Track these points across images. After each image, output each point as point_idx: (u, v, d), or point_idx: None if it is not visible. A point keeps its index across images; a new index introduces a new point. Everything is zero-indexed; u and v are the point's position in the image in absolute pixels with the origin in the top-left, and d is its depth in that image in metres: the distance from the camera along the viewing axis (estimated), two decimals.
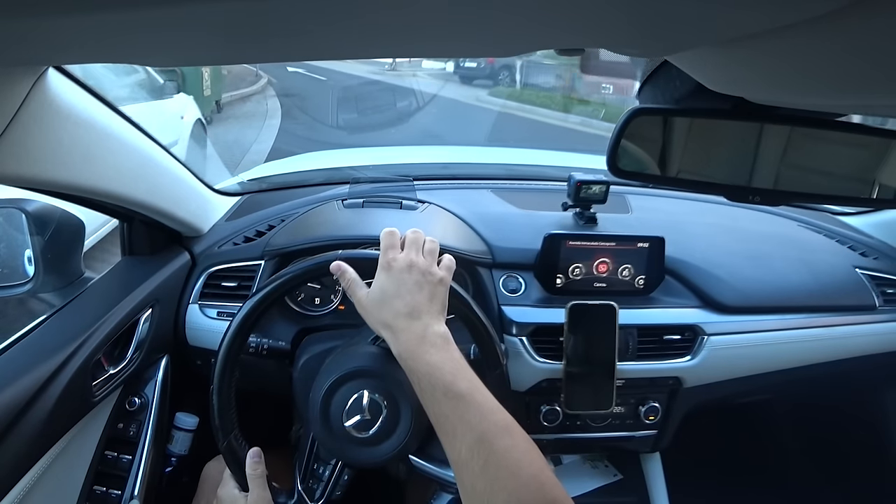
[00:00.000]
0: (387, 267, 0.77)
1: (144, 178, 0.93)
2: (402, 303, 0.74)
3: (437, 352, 0.70)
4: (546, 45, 0.51)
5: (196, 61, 0.94)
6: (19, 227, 0.90)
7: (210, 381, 0.82)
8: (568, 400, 1.09)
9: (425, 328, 0.72)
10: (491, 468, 0.59)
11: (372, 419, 0.80)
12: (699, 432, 1.34)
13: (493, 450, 0.60)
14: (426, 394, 0.68)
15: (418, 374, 0.69)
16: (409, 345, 0.71)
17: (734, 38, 0.39)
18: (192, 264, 1.12)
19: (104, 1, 0.31)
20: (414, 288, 0.75)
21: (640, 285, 1.17)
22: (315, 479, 0.86)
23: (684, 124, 0.70)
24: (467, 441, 0.62)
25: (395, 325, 0.73)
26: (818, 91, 0.45)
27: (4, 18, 0.33)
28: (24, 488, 0.78)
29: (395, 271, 0.76)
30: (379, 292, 0.76)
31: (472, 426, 0.63)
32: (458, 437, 0.63)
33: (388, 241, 0.79)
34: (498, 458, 0.60)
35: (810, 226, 1.41)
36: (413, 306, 0.74)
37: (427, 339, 0.71)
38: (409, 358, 0.70)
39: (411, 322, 0.73)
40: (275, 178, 1.56)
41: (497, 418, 0.64)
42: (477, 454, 0.60)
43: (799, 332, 1.18)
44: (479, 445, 0.61)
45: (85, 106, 0.75)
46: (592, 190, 1.20)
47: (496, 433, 0.62)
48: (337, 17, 0.37)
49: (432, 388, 0.67)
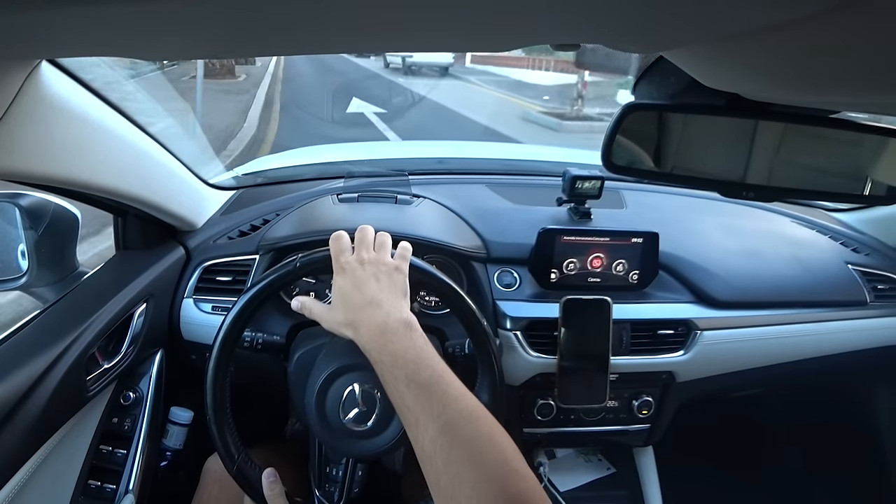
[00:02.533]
0: (340, 271, 0.77)
1: (138, 173, 0.93)
2: (360, 297, 0.74)
3: (399, 340, 0.69)
4: (541, 40, 0.51)
5: (190, 55, 0.94)
6: (12, 221, 0.90)
7: (205, 376, 0.82)
8: (562, 394, 1.10)
9: (386, 316, 0.71)
10: (453, 460, 0.56)
11: (367, 412, 0.80)
12: (692, 426, 1.34)
13: (455, 439, 0.57)
14: (389, 385, 0.66)
15: (382, 365, 0.68)
16: (370, 335, 0.70)
17: (729, 34, 0.39)
18: (186, 259, 1.11)
19: None
20: (370, 280, 0.75)
21: (634, 280, 1.17)
22: (330, 482, 0.86)
23: (679, 120, 0.71)
24: (430, 432, 0.59)
25: (355, 320, 0.72)
26: (812, 88, 0.46)
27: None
28: (19, 482, 0.78)
29: (349, 272, 0.76)
30: (337, 296, 0.76)
31: (435, 416, 0.60)
32: (420, 428, 0.60)
33: (336, 246, 0.79)
34: (460, 448, 0.57)
35: (803, 222, 1.42)
36: (371, 297, 0.73)
37: (389, 328, 0.70)
38: (373, 349, 0.69)
39: (372, 312, 0.72)
40: (270, 172, 1.55)
41: (461, 406, 0.61)
42: (440, 446, 0.57)
43: (791, 327, 1.19)
44: (442, 436, 0.58)
45: (79, 100, 0.75)
46: (587, 185, 1.20)
47: (458, 421, 0.59)
48: (334, 10, 0.37)
49: (395, 379, 0.65)
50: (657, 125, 0.71)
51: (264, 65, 13.64)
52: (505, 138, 7.21)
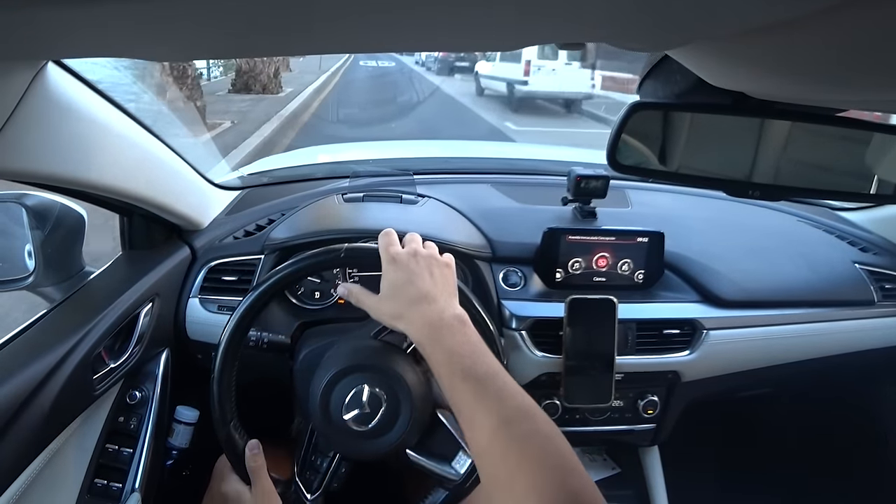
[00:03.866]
0: (391, 260, 0.76)
1: (144, 173, 0.93)
2: (414, 289, 0.73)
3: (454, 335, 0.69)
4: (547, 39, 0.51)
5: (196, 55, 0.94)
6: (19, 221, 0.90)
7: (210, 375, 0.82)
8: (567, 394, 1.10)
9: (441, 312, 0.71)
10: (511, 455, 0.56)
11: (371, 413, 0.80)
12: (697, 426, 1.34)
13: (513, 435, 0.57)
14: (445, 380, 0.66)
15: (436, 360, 0.67)
16: (425, 331, 0.70)
17: (735, 33, 0.39)
18: (192, 258, 1.12)
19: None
20: (423, 273, 0.75)
21: (640, 280, 1.17)
22: (313, 470, 0.86)
23: (684, 119, 0.70)
24: (487, 427, 0.59)
25: (408, 314, 0.72)
26: (819, 86, 0.46)
27: (3, 11, 0.33)
28: (26, 481, 0.78)
29: (402, 262, 0.76)
30: (389, 286, 0.75)
31: (492, 411, 0.60)
32: (477, 423, 0.60)
33: (386, 240, 0.79)
34: (518, 444, 0.56)
35: (810, 221, 1.41)
36: (425, 291, 0.73)
37: (444, 323, 0.70)
38: (427, 344, 0.69)
39: (426, 307, 0.72)
40: (275, 172, 1.56)
41: (518, 402, 0.61)
42: (497, 441, 0.57)
43: (798, 326, 1.19)
44: (499, 431, 0.58)
45: (85, 100, 0.75)
46: (592, 184, 1.20)
47: (516, 418, 0.59)
48: (339, 10, 0.37)
49: (451, 373, 0.65)
50: (662, 124, 0.71)
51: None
52: None
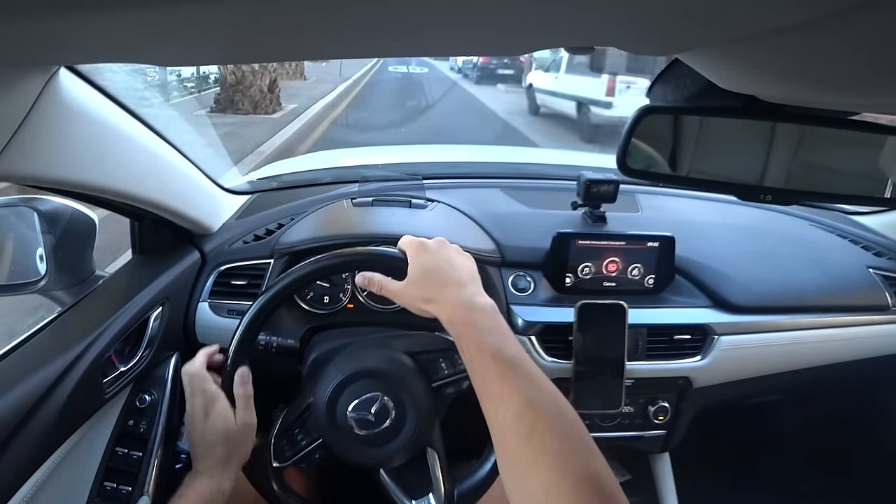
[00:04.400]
0: (422, 248, 0.79)
1: (155, 177, 0.94)
2: (445, 273, 0.76)
3: (486, 318, 0.71)
4: (555, 43, 0.51)
5: (207, 61, 0.94)
6: (31, 225, 0.91)
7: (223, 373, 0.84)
8: (577, 399, 1.09)
9: (472, 296, 0.74)
10: (537, 434, 0.58)
11: (375, 422, 0.80)
12: (709, 433, 1.33)
13: (540, 415, 0.60)
14: (475, 357, 0.67)
15: (467, 338, 0.69)
16: (458, 310, 0.72)
17: (745, 35, 0.38)
18: (202, 262, 1.12)
19: (115, 0, 0.31)
20: (455, 259, 0.79)
21: (650, 285, 1.16)
22: (290, 442, 0.85)
23: (695, 123, 0.70)
24: (514, 406, 0.61)
25: (441, 296, 0.74)
26: (831, 89, 0.45)
27: (16, 18, 0.34)
28: (36, 484, 0.78)
29: (432, 250, 0.79)
30: (420, 270, 0.77)
31: (521, 391, 0.62)
32: (504, 401, 0.62)
33: (410, 237, 0.82)
34: (545, 424, 0.59)
35: (822, 225, 1.40)
36: (456, 277, 0.76)
37: (476, 306, 0.72)
38: (460, 322, 0.71)
39: (458, 290, 0.74)
40: (284, 176, 1.56)
41: (544, 385, 0.64)
42: (523, 420, 0.60)
43: (811, 332, 1.17)
44: (527, 411, 0.60)
45: (96, 105, 0.76)
46: (602, 189, 1.19)
47: (543, 399, 0.62)
48: (349, 15, 0.37)
49: (481, 351, 0.67)
50: (673, 128, 0.71)
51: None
52: None
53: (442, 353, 0.84)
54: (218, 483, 0.75)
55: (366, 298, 1.11)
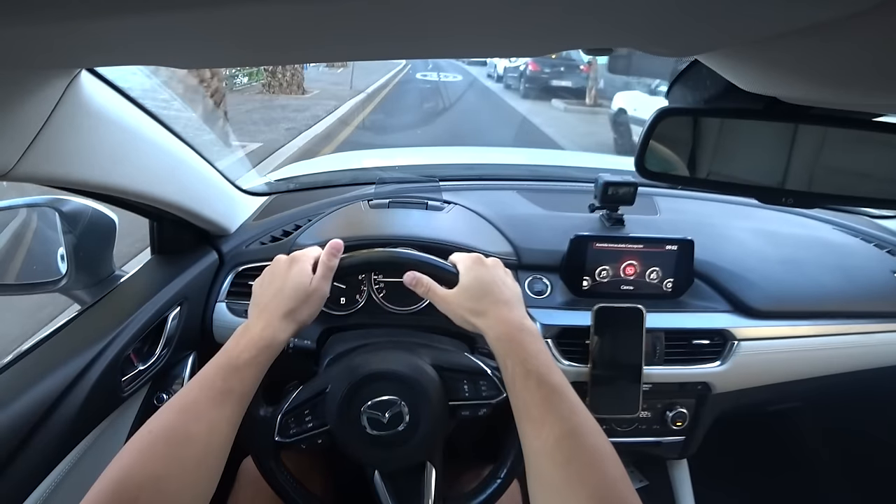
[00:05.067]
0: (479, 262, 0.81)
1: (174, 179, 0.95)
2: (499, 290, 0.77)
3: (534, 342, 0.72)
4: (574, 45, 0.50)
5: (224, 63, 0.95)
6: (53, 225, 0.93)
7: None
8: (593, 404, 1.08)
9: (521, 318, 0.75)
10: (575, 462, 0.59)
11: (388, 424, 0.79)
12: (728, 440, 1.31)
13: (581, 445, 0.61)
14: (519, 378, 0.68)
15: (514, 358, 0.70)
16: (508, 329, 0.72)
17: (767, 36, 0.38)
18: (219, 263, 1.13)
19: (134, 5, 0.31)
20: (508, 280, 0.80)
21: (669, 288, 1.15)
22: (298, 421, 0.83)
23: (714, 125, 0.69)
24: (556, 432, 0.62)
25: (491, 311, 0.75)
26: (855, 90, 0.44)
27: (40, 24, 0.34)
28: (55, 480, 0.80)
29: (489, 266, 0.81)
30: (474, 282, 0.78)
31: (564, 419, 0.63)
32: (546, 426, 0.63)
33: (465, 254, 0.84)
34: (586, 454, 0.60)
35: (846, 229, 1.37)
36: (510, 297, 0.77)
37: (525, 328, 0.73)
38: (509, 341, 0.71)
39: (507, 311, 0.75)
40: (301, 178, 1.57)
41: (586, 417, 0.65)
42: (562, 448, 0.61)
43: (834, 338, 1.15)
44: (569, 439, 0.61)
45: (116, 107, 0.77)
46: (620, 191, 1.18)
47: (586, 430, 0.63)
48: (369, 19, 0.37)
49: (527, 373, 0.67)
50: (692, 130, 0.70)
51: None
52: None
53: (467, 374, 0.83)
54: (274, 332, 0.73)
55: (382, 300, 1.11)
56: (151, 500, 0.55)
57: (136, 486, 0.55)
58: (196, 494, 0.60)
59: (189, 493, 0.59)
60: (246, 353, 0.69)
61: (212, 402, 0.64)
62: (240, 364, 0.68)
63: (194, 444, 0.61)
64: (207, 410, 0.64)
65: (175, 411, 0.63)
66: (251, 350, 0.70)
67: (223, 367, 0.68)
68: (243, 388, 0.68)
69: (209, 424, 0.63)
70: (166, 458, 0.58)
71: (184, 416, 0.63)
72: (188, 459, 0.60)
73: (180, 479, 0.58)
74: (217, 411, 0.64)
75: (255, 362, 0.70)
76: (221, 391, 0.65)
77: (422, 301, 1.11)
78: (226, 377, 0.67)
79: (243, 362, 0.68)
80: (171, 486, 0.57)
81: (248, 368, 0.69)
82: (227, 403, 0.66)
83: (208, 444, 0.62)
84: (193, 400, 0.64)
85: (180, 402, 0.64)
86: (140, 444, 0.60)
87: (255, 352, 0.70)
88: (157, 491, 0.55)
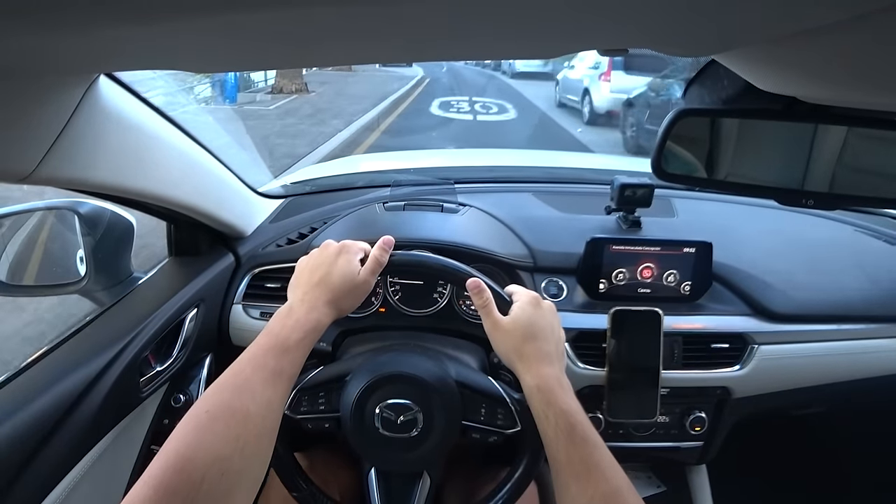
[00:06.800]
0: (536, 303, 0.80)
1: (191, 182, 0.96)
2: (547, 339, 0.77)
3: (572, 399, 0.72)
4: (590, 45, 0.50)
5: (241, 67, 0.96)
6: (72, 227, 0.94)
7: None
8: (611, 408, 1.07)
9: (559, 374, 0.74)
10: None
11: (399, 427, 0.79)
12: (748, 445, 1.29)
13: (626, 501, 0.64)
14: (562, 433, 0.68)
15: (555, 411, 0.70)
16: (548, 382, 0.72)
17: (785, 35, 0.37)
18: (236, 265, 1.14)
19: (152, 11, 0.31)
20: (558, 330, 0.80)
21: (686, 291, 1.13)
22: (311, 400, 0.83)
23: (733, 125, 0.68)
24: (601, 489, 0.64)
25: (534, 359, 0.74)
26: (877, 89, 0.43)
27: (61, 31, 0.34)
28: (74, 479, 0.81)
29: (547, 310, 0.80)
30: (528, 322, 0.77)
31: (608, 477, 0.65)
32: (592, 483, 0.65)
33: (526, 290, 0.83)
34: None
35: (869, 231, 1.35)
36: (556, 351, 0.77)
37: (563, 384, 0.73)
38: (549, 393, 0.71)
39: (550, 363, 0.75)
40: (317, 181, 1.58)
41: (624, 475, 0.67)
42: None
43: (856, 342, 1.13)
44: (614, 498, 0.63)
45: (134, 111, 0.78)
46: (637, 193, 1.17)
47: (629, 490, 0.65)
48: (383, 23, 0.37)
49: (570, 428, 0.68)
50: (710, 131, 0.69)
51: None
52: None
53: (487, 399, 0.81)
54: (318, 315, 0.73)
55: (397, 302, 1.11)
56: (216, 482, 0.54)
57: (202, 466, 0.54)
58: (255, 477, 0.60)
59: (248, 476, 0.59)
60: (295, 334, 0.69)
61: (265, 382, 0.64)
62: (290, 345, 0.68)
63: (252, 424, 0.60)
64: (263, 390, 0.63)
65: (230, 390, 0.62)
66: (299, 332, 0.70)
67: (273, 347, 0.67)
68: (293, 369, 0.68)
69: (265, 404, 0.63)
70: (227, 438, 0.57)
71: (241, 396, 0.62)
72: (248, 439, 0.59)
73: (241, 460, 0.57)
74: (271, 391, 0.64)
75: (303, 344, 0.70)
76: (273, 371, 0.65)
77: (436, 304, 1.11)
78: (277, 357, 0.67)
79: (293, 343, 0.69)
80: (234, 466, 0.56)
81: (297, 350, 0.69)
82: (278, 383, 0.65)
83: (263, 424, 0.62)
84: (247, 379, 0.64)
85: (234, 381, 0.63)
86: (198, 422, 0.58)
87: (303, 334, 0.70)
88: (220, 473, 0.54)
